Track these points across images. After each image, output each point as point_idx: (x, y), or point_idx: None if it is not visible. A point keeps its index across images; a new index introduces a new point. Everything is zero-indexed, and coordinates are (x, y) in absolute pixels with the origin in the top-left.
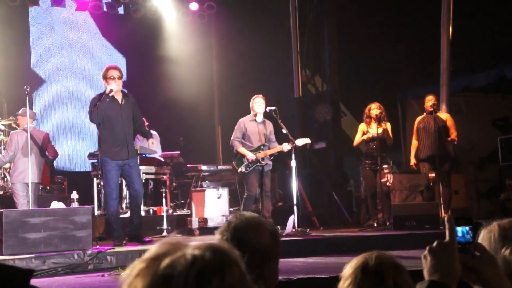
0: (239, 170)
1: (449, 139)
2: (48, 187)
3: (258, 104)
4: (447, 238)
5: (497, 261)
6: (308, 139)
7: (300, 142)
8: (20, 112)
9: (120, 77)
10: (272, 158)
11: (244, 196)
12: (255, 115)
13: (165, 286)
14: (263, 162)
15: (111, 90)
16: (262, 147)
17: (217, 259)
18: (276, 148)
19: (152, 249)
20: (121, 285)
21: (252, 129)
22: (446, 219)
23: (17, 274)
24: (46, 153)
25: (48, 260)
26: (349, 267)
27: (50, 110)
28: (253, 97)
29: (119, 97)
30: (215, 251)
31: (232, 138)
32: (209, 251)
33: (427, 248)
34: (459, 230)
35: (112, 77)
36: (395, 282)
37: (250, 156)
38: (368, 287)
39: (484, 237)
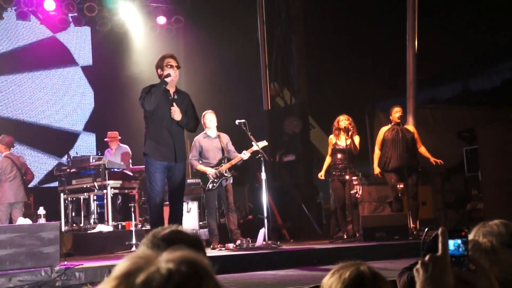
0: (207, 187)
1: (420, 150)
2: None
3: (209, 119)
4: (440, 251)
5: (491, 274)
6: (265, 141)
7: (261, 144)
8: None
9: (178, 67)
10: (232, 170)
11: (206, 213)
12: (208, 131)
13: None
14: (227, 175)
15: (169, 75)
16: (222, 161)
17: (192, 271)
18: (237, 157)
19: (121, 264)
20: None
21: (208, 146)
22: (439, 232)
23: None
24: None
25: (14, 278)
26: (337, 280)
27: (14, 125)
28: (203, 113)
29: (171, 90)
30: (190, 263)
31: (189, 157)
32: (184, 263)
33: (420, 261)
34: (453, 243)
35: (169, 65)
36: None
37: (209, 171)
38: None
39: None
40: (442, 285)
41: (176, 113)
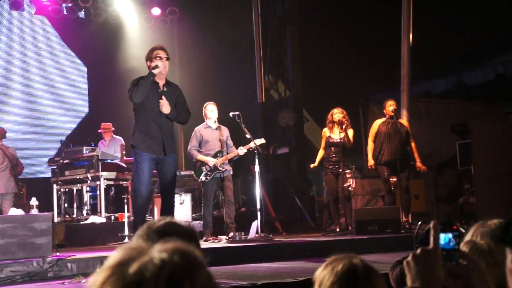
0: (199, 179)
1: (413, 147)
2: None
3: (210, 110)
4: (431, 245)
5: (482, 268)
6: (262, 139)
7: (258, 142)
8: None
9: (168, 59)
10: (231, 163)
11: (202, 204)
12: (209, 122)
13: None
14: (221, 169)
15: (156, 66)
16: (218, 154)
17: (185, 261)
18: (233, 152)
19: (114, 255)
20: None
21: (208, 136)
22: (431, 225)
23: None
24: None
25: (5, 268)
26: (329, 272)
27: (7, 116)
28: (205, 104)
29: (161, 82)
30: (183, 254)
31: (189, 147)
32: (177, 253)
33: (411, 254)
34: (444, 237)
35: (158, 57)
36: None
37: (212, 161)
38: None
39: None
40: (432, 278)
41: (165, 106)
